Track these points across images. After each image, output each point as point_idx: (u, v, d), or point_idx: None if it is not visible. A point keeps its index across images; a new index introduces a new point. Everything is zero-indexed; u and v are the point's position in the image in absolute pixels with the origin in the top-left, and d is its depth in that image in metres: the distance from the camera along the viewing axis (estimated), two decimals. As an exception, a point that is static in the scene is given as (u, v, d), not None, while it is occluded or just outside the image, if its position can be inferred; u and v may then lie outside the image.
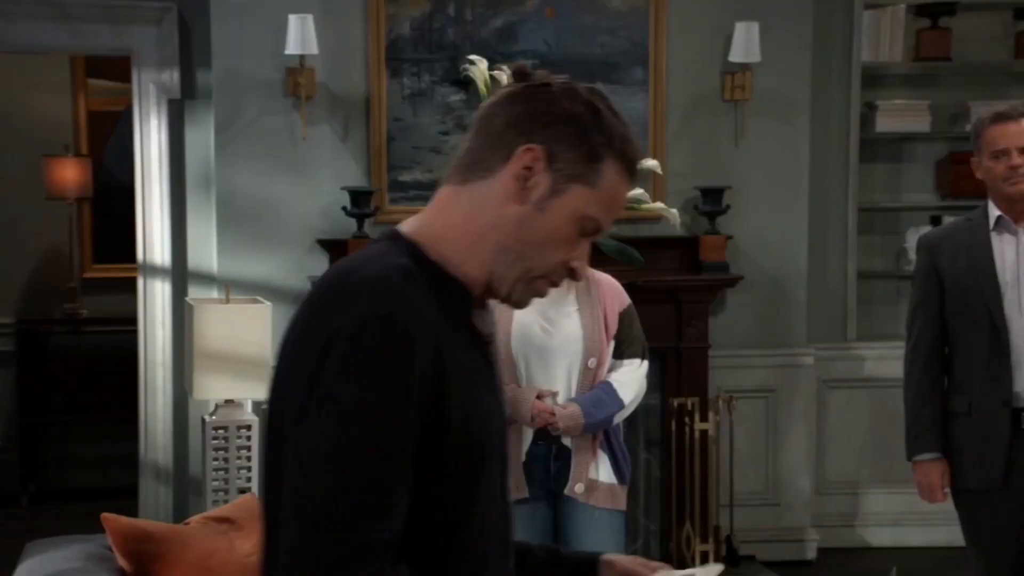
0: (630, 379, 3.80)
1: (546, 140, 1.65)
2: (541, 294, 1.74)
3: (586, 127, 1.66)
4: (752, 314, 5.83)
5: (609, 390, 3.76)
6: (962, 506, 3.78)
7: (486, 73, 5.44)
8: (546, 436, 3.75)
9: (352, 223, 5.48)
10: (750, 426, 5.85)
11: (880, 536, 6.05)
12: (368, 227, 5.49)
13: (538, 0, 5.67)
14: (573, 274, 1.72)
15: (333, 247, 5.56)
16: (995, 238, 3.70)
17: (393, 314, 1.54)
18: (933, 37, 6.16)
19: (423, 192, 5.66)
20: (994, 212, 3.71)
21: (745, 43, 5.59)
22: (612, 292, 3.85)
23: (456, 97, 5.67)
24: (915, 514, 5.71)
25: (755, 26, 5.60)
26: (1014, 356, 3.63)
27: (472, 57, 5.46)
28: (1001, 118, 3.65)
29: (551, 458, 3.78)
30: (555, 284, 1.73)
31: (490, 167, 1.67)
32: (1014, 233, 3.69)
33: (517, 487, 3.71)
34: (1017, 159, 3.61)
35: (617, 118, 1.70)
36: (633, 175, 1.72)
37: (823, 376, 6.06)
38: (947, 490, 3.76)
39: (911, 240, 6.16)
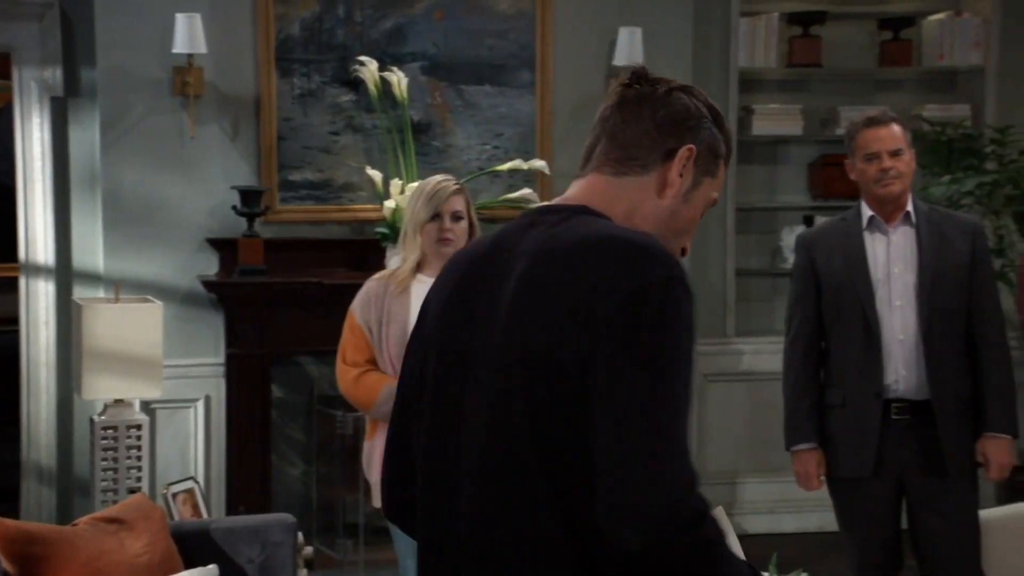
0: None
1: (695, 141, 1.82)
2: None
3: (712, 127, 1.86)
4: (636, 311, 5.76)
5: None
6: (836, 493, 3.80)
7: (376, 74, 5.30)
8: None
9: (242, 222, 5.29)
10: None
11: (757, 523, 6.04)
12: (258, 226, 5.30)
13: (427, 3, 5.54)
14: (684, 253, 1.89)
15: (223, 246, 5.39)
16: (868, 237, 3.72)
17: (684, 274, 1.69)
18: (804, 45, 6.20)
19: (314, 192, 5.51)
20: (867, 212, 3.74)
21: (628, 48, 5.55)
22: None
23: (346, 98, 5.52)
24: (789, 502, 5.75)
25: (638, 31, 5.57)
26: (885, 350, 3.65)
27: (362, 58, 5.33)
28: (873, 123, 3.68)
29: None
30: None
31: (645, 164, 1.81)
32: (885, 232, 3.72)
33: None
34: (888, 162, 3.64)
35: (718, 108, 1.90)
36: (731, 146, 1.92)
37: (704, 370, 6.05)
38: (822, 478, 3.78)
39: (786, 239, 6.20)
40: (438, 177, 3.80)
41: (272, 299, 5.31)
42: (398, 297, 3.69)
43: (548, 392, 1.66)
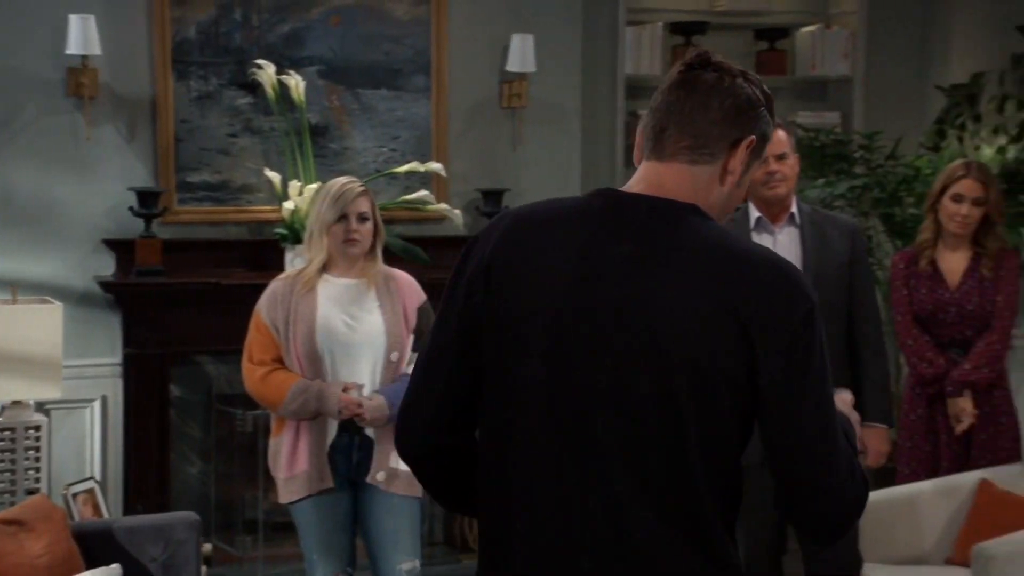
0: None
1: (754, 131, 1.88)
2: None
3: (766, 113, 1.91)
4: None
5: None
6: None
7: (274, 77, 5.23)
8: (350, 428, 3.65)
9: (139, 223, 5.17)
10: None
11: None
12: (156, 227, 5.19)
13: (324, 8, 5.47)
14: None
15: (120, 247, 5.25)
16: (755, 237, 3.73)
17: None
18: (687, 53, 6.22)
19: (212, 193, 5.42)
20: (754, 213, 3.77)
21: (521, 54, 5.56)
22: (410, 289, 3.79)
23: (244, 100, 5.43)
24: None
25: (530, 38, 5.58)
26: None
27: (260, 61, 5.26)
28: None
29: (354, 449, 3.69)
30: None
31: (714, 153, 1.86)
32: (771, 233, 3.76)
33: (322, 478, 3.63)
34: (774, 165, 3.67)
35: (772, 94, 1.96)
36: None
37: None
38: None
39: (672, 240, 6.25)
40: (343, 179, 3.77)
41: (170, 299, 5.20)
42: (304, 297, 3.65)
43: (713, 397, 1.78)
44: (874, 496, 3.98)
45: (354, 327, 3.64)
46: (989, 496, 4.10)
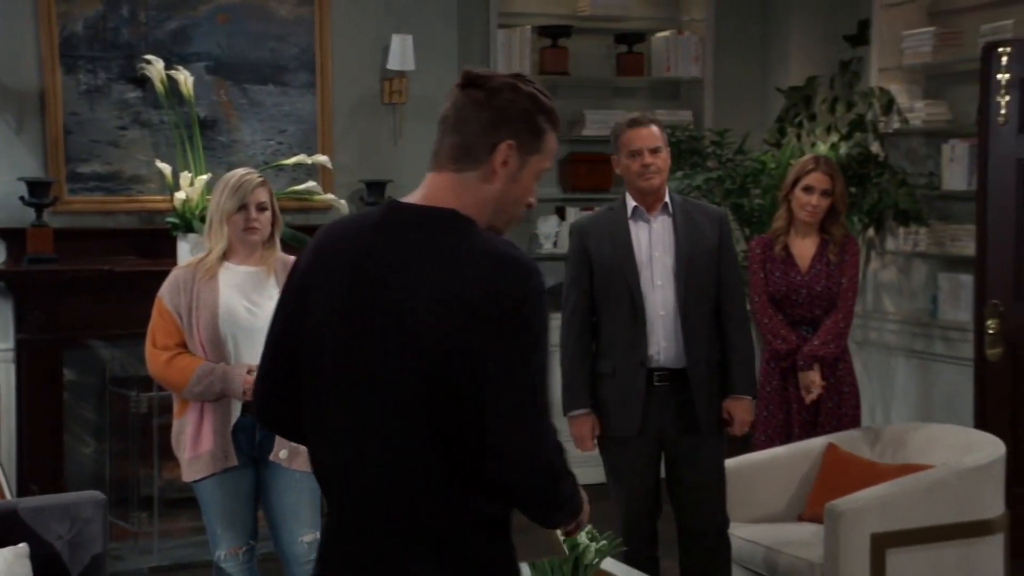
0: None
1: (513, 135, 2.00)
2: (519, 223, 2.18)
3: (532, 114, 2.02)
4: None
5: None
6: (606, 451, 3.83)
7: (163, 72, 5.11)
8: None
9: (30, 212, 4.99)
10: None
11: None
12: (48, 217, 5.03)
13: (210, 6, 5.37)
14: (530, 206, 2.10)
15: (10, 236, 5.10)
16: (632, 225, 3.75)
17: (543, 282, 1.98)
18: (553, 55, 6.32)
19: (102, 183, 5.30)
20: (631, 203, 3.77)
21: (401, 53, 5.55)
22: None
23: (133, 94, 5.31)
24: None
25: (409, 38, 5.58)
26: (648, 325, 3.69)
27: (148, 57, 5.13)
28: (636, 124, 3.73)
29: (256, 428, 3.60)
30: (521, 217, 2.14)
31: (478, 159, 2.00)
32: (647, 221, 3.76)
33: (227, 456, 3.55)
34: (649, 158, 3.69)
35: (544, 94, 2.05)
36: (559, 128, 2.08)
37: None
38: (595, 440, 3.82)
39: (542, 227, 6.32)
40: (242, 170, 3.67)
41: (62, 286, 5.05)
42: (207, 284, 3.57)
43: (444, 376, 1.91)
44: (736, 461, 4.11)
45: (256, 313, 3.56)
46: (835, 458, 4.20)
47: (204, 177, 5.10)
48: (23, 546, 3.32)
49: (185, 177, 5.06)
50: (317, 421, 2.05)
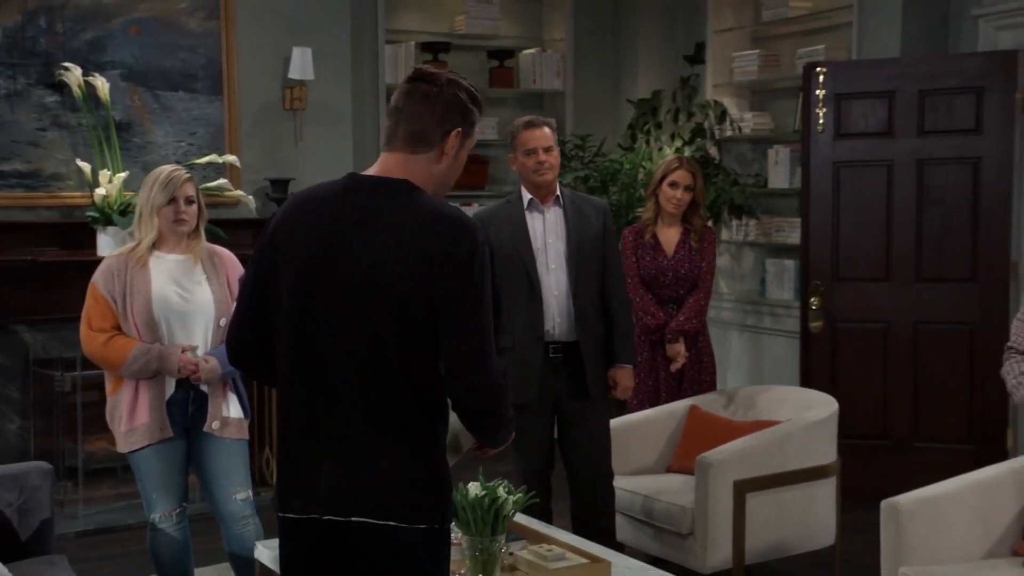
0: None
1: (460, 123, 2.17)
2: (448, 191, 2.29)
3: (469, 105, 2.19)
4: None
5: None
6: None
7: (80, 79, 4.95)
8: (185, 384, 3.49)
9: (-45, 208, 4.74)
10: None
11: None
12: (-28, 211, 4.78)
13: (124, 19, 5.19)
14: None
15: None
16: (528, 216, 3.76)
17: (486, 238, 2.14)
18: (435, 67, 6.25)
19: (23, 180, 5.07)
20: (527, 196, 3.77)
21: (301, 64, 5.46)
22: (231, 263, 3.64)
23: (52, 99, 5.07)
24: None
25: (308, 51, 5.49)
26: (544, 304, 3.71)
27: (67, 64, 4.95)
28: (531, 125, 3.73)
29: (189, 401, 3.52)
30: (451, 187, 2.27)
31: (430, 143, 2.16)
32: (541, 212, 3.77)
33: (162, 428, 3.46)
34: (543, 156, 3.69)
35: (476, 89, 2.23)
36: (483, 111, 2.24)
37: None
38: None
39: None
40: (170, 167, 3.57)
41: (-14, 276, 4.81)
42: (139, 272, 3.46)
43: (408, 316, 2.07)
44: (615, 422, 4.16)
45: (187, 298, 3.47)
46: (697, 418, 4.31)
47: (122, 175, 4.94)
48: (-26, 515, 3.19)
49: (104, 175, 4.90)
50: (294, 352, 2.15)
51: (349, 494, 2.10)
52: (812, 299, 5.27)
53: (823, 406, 4.13)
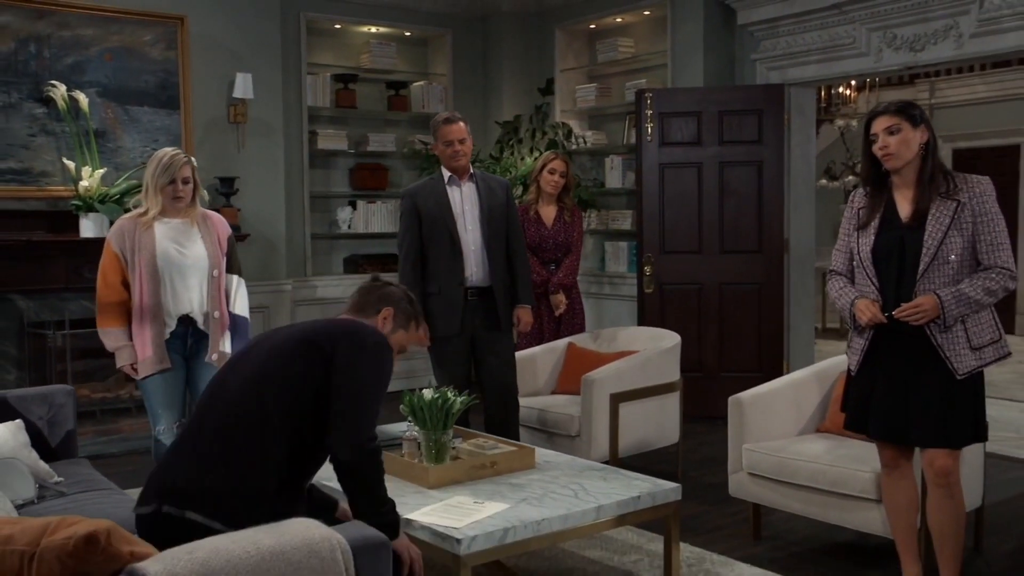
0: (243, 296, 3.65)
1: (391, 304, 2.46)
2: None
3: (403, 300, 2.49)
4: (255, 259, 5.70)
5: (244, 323, 3.61)
6: (434, 346, 3.82)
7: (64, 94, 4.94)
8: (186, 320, 3.48)
9: (-44, 199, 4.64)
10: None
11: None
12: (-29, 201, 4.67)
13: (99, 48, 5.16)
14: (402, 351, 2.53)
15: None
16: (449, 189, 3.80)
17: (390, 344, 2.33)
18: (345, 94, 6.38)
19: (17, 176, 4.99)
20: (447, 174, 3.81)
21: (243, 86, 5.51)
22: (221, 224, 3.62)
23: (40, 111, 5.01)
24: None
25: (249, 76, 5.55)
26: (464, 257, 3.76)
27: (53, 82, 4.92)
28: (449, 121, 3.76)
29: (188, 336, 3.51)
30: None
31: (370, 314, 2.45)
32: (459, 186, 3.81)
33: (162, 360, 3.43)
34: (458, 146, 3.74)
35: (411, 296, 2.52)
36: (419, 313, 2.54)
37: (295, 298, 6.03)
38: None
39: (340, 214, 6.35)
40: (171, 150, 3.52)
41: (-13, 254, 4.72)
42: (146, 233, 3.45)
43: (313, 354, 2.21)
44: (521, 354, 4.25)
45: (184, 254, 3.48)
46: (574, 352, 4.42)
47: (100, 172, 4.93)
48: (19, 421, 3.21)
49: (86, 171, 4.88)
50: (237, 366, 2.30)
51: None
52: (645, 268, 5.51)
53: (669, 339, 4.28)
